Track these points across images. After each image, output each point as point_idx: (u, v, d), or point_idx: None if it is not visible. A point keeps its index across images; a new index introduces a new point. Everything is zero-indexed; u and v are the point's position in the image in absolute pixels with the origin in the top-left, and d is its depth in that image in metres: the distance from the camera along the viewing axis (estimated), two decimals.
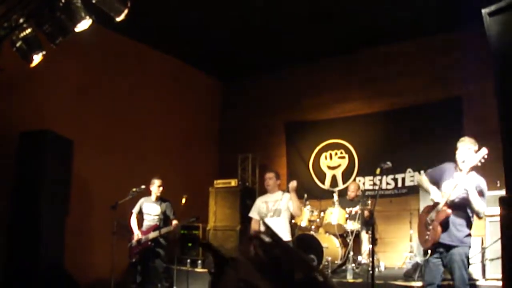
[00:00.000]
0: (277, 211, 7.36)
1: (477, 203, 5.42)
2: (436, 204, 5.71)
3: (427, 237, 5.75)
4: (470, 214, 5.58)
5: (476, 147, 5.59)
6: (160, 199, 8.66)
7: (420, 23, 9.90)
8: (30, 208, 7.71)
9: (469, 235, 5.61)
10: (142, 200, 8.68)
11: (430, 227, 5.71)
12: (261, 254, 1.07)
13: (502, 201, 3.75)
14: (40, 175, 7.91)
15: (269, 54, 11.77)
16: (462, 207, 5.57)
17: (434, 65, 10.53)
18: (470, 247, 5.65)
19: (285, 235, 7.31)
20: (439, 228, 5.59)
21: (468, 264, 5.61)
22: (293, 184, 7.33)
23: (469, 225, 5.62)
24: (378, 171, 6.42)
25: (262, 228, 5.15)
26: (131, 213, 8.63)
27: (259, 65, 12.53)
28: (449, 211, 5.53)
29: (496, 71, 4.01)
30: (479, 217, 5.58)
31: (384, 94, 11.20)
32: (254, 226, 7.74)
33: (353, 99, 11.72)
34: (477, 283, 7.02)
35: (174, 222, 8.49)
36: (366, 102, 11.57)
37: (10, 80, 8.04)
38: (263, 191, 8.12)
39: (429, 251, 5.70)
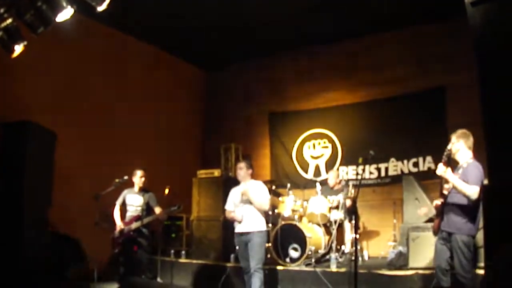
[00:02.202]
0: (248, 199, 7.34)
1: (461, 187, 5.55)
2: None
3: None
4: (466, 202, 5.65)
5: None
6: (143, 190, 8.61)
7: (404, 13, 9.91)
8: (12, 199, 7.63)
9: (469, 222, 5.67)
10: (125, 191, 8.64)
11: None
12: None
13: (484, 190, 3.78)
14: (22, 166, 7.81)
15: (252, 43, 11.74)
16: (457, 196, 5.72)
17: (418, 55, 10.55)
18: (471, 234, 5.69)
19: (258, 225, 7.28)
20: (437, 218, 6.00)
21: (470, 251, 5.65)
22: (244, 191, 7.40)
23: (465, 212, 5.68)
24: (360, 160, 6.47)
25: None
26: (115, 204, 8.58)
27: (242, 55, 12.50)
28: (438, 202, 5.93)
29: (478, 60, 4.02)
30: (471, 199, 5.63)
31: (367, 84, 11.23)
32: (227, 217, 7.73)
33: (337, 89, 11.75)
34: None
35: (158, 209, 8.44)
36: (349, 92, 11.60)
37: None
38: None
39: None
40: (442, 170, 5.69)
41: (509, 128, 3.61)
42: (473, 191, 5.48)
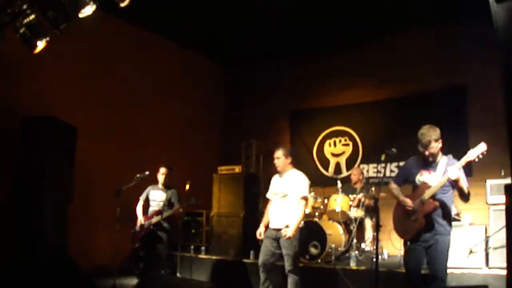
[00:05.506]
0: (283, 194, 6.96)
1: (466, 189, 5.49)
2: (413, 196, 5.80)
3: (408, 228, 5.79)
4: (451, 202, 5.70)
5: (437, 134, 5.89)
6: (167, 186, 8.66)
7: (426, 12, 9.81)
8: (33, 195, 7.71)
9: (449, 223, 5.67)
10: (149, 187, 8.70)
11: (413, 217, 5.70)
12: None
13: (507, 189, 3.73)
14: (43, 161, 7.90)
15: (274, 40, 11.70)
16: (443, 197, 5.64)
17: (440, 53, 10.45)
18: (450, 235, 5.67)
19: (289, 220, 6.80)
20: (423, 219, 5.61)
21: (448, 253, 5.62)
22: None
23: (449, 214, 5.69)
24: (383, 157, 6.36)
25: (272, 208, 4.78)
26: (138, 200, 8.64)
27: (264, 52, 12.46)
28: (437, 203, 5.57)
29: (501, 59, 3.98)
30: (467, 201, 5.60)
31: (389, 82, 11.16)
32: (268, 207, 7.28)
33: (358, 86, 11.68)
34: (480, 271, 7.01)
35: (176, 206, 8.48)
36: (370, 89, 11.54)
37: (13, 66, 8.03)
38: (267, 178, 7.96)
39: (409, 242, 5.76)
40: (458, 174, 5.41)
41: None
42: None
